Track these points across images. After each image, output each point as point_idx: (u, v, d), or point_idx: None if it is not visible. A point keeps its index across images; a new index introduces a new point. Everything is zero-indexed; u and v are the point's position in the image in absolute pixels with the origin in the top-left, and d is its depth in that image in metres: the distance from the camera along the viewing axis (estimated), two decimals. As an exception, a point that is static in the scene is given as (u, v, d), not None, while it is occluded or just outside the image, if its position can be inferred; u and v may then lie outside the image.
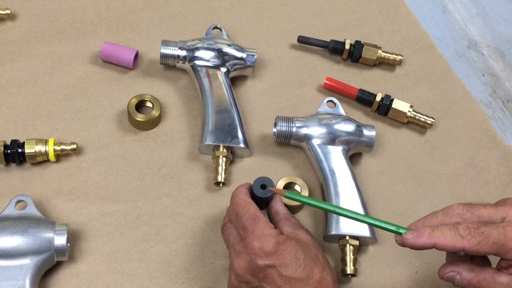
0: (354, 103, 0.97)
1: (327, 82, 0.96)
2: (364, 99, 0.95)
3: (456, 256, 0.71)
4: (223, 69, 0.92)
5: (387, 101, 0.94)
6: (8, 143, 0.83)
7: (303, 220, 0.85)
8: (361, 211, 0.82)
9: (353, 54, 0.99)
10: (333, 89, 0.96)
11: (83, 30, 0.99)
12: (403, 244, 0.68)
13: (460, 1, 1.15)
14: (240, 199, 0.74)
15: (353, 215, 0.70)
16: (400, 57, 1.00)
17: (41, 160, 0.84)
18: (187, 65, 0.93)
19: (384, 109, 0.94)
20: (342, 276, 0.80)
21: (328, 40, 1.00)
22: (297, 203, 0.83)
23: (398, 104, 0.93)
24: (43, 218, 0.76)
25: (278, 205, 0.78)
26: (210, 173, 0.87)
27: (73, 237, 0.80)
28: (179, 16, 1.03)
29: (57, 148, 0.83)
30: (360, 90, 0.95)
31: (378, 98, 0.94)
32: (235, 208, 0.74)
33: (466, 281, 0.68)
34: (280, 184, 0.85)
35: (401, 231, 0.68)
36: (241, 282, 0.71)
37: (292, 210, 0.84)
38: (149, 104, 0.91)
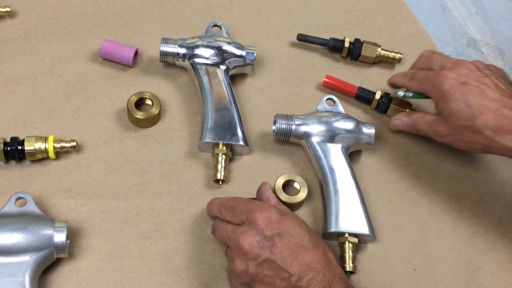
0: (354, 101, 0.97)
1: (327, 80, 0.96)
2: (363, 97, 0.95)
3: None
4: (223, 67, 0.92)
5: (386, 99, 0.94)
6: (8, 140, 0.83)
7: (302, 218, 0.84)
8: (361, 209, 0.82)
9: (352, 52, 1.00)
10: (332, 87, 0.96)
11: (82, 28, 0.99)
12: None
13: (460, -1, 1.15)
14: (224, 198, 0.78)
15: None
16: (399, 55, 1.00)
17: (40, 157, 0.84)
18: (186, 63, 0.93)
19: (383, 107, 0.94)
20: (341, 273, 0.80)
21: (328, 38, 1.01)
22: (296, 201, 0.83)
23: None
24: (43, 215, 0.76)
25: (269, 192, 0.80)
26: (210, 171, 0.87)
27: (73, 234, 0.80)
28: (179, 14, 1.03)
29: (57, 145, 0.84)
30: (360, 88, 0.95)
31: (377, 96, 0.94)
32: (226, 203, 0.76)
33: (406, 124, 0.89)
34: (280, 182, 0.85)
35: None
36: (249, 260, 0.70)
37: (292, 207, 0.84)
38: (148, 102, 0.91)
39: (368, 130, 0.88)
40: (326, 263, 0.70)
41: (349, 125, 0.88)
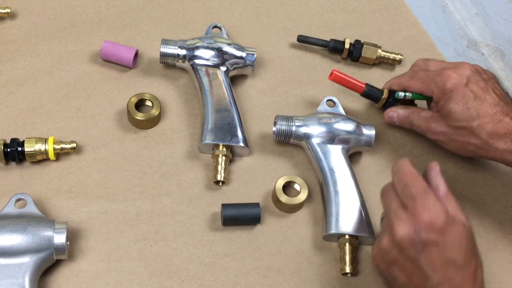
0: (356, 98, 0.96)
1: (336, 73, 0.90)
2: (371, 95, 0.92)
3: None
4: (223, 68, 0.92)
5: (394, 98, 0.91)
6: (8, 141, 0.83)
7: (303, 219, 0.85)
8: (361, 210, 0.82)
9: (352, 54, 1.00)
10: (340, 81, 0.91)
11: (83, 29, 0.99)
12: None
13: (460, 0, 1.15)
14: (410, 171, 0.71)
15: None
16: (399, 56, 1.00)
17: (40, 158, 0.84)
18: (186, 64, 0.93)
19: (391, 105, 0.92)
20: (341, 275, 0.80)
21: (328, 39, 1.00)
22: (296, 202, 0.83)
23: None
24: (43, 217, 0.76)
25: (439, 179, 0.74)
26: (210, 172, 0.87)
27: (73, 235, 0.80)
28: (179, 15, 1.03)
29: (57, 146, 0.84)
30: (367, 85, 0.92)
31: (385, 95, 0.92)
32: (404, 178, 0.71)
33: (401, 116, 0.89)
34: (280, 183, 0.85)
35: None
36: (395, 247, 0.69)
37: (292, 209, 0.84)
38: (148, 103, 0.91)
39: (368, 132, 0.88)
40: (471, 283, 0.67)
41: (349, 126, 0.88)
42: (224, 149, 0.86)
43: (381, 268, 0.72)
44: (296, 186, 0.86)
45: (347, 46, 0.99)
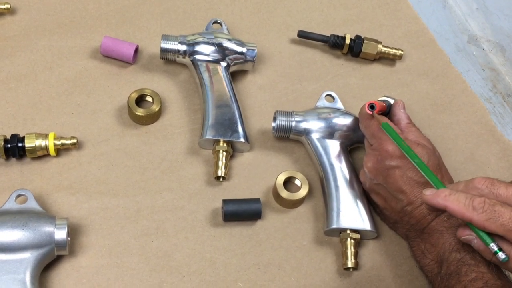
0: (356, 93, 0.96)
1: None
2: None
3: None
4: (223, 64, 0.92)
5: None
6: (8, 137, 0.83)
7: (303, 215, 0.85)
8: (362, 205, 0.82)
9: (353, 49, 0.99)
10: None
11: (83, 25, 0.99)
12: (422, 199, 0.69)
13: (460, -4, 1.15)
14: (365, 114, 0.82)
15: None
16: (400, 51, 1.00)
17: (41, 154, 0.84)
18: (187, 60, 0.93)
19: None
20: (343, 269, 0.80)
21: (328, 34, 1.00)
22: (297, 198, 0.83)
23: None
24: (43, 212, 0.76)
25: (401, 113, 0.84)
26: (210, 168, 0.87)
27: (73, 231, 0.80)
28: (179, 10, 1.03)
29: (57, 142, 0.83)
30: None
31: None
32: (362, 122, 0.83)
33: (482, 247, 0.67)
34: (281, 179, 0.85)
35: (438, 187, 0.69)
36: (367, 179, 0.82)
37: (293, 204, 0.84)
38: (149, 99, 0.91)
39: (369, 127, 0.88)
40: None
41: (348, 121, 0.87)
42: (225, 145, 0.86)
43: (370, 199, 0.84)
44: (297, 182, 0.86)
45: (347, 41, 0.99)
